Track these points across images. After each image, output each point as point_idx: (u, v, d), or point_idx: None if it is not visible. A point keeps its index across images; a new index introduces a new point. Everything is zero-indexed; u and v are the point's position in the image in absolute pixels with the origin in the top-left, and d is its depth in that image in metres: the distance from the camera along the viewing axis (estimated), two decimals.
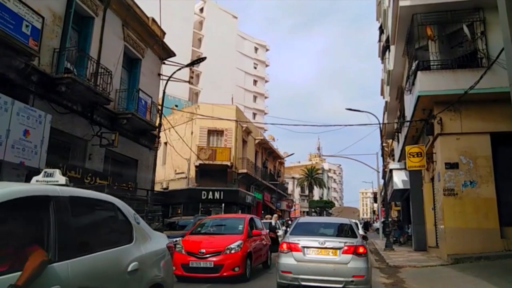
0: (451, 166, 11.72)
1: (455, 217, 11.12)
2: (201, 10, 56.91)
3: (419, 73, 12.17)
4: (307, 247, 6.68)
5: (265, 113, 62.38)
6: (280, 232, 16.29)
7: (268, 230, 12.98)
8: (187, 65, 14.08)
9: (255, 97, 62.37)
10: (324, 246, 6.58)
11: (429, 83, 12.02)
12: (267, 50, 67.57)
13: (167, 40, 17.40)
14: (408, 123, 14.75)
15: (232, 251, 8.05)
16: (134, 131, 14.37)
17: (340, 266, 6.38)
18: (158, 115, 15.48)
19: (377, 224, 38.42)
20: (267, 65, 66.70)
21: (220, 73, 52.77)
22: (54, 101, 10.47)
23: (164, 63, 17.19)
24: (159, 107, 16.07)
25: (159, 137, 14.01)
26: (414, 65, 12.78)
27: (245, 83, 60.32)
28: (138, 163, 14.92)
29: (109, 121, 12.99)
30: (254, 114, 59.91)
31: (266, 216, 24.67)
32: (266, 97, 65.35)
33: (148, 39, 15.55)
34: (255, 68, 63.62)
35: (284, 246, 6.93)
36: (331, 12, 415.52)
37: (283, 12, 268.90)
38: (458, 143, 11.88)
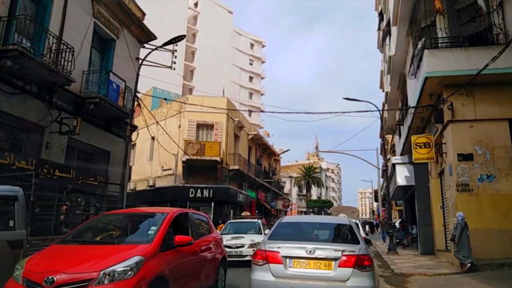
0: (465, 157, 10.19)
1: (470, 216, 9.58)
2: (196, 4, 55.34)
3: (426, 51, 10.64)
4: (290, 257, 4.91)
5: (261, 111, 60.77)
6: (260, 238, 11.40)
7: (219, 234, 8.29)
8: (163, 45, 12.47)
9: (250, 94, 60.81)
10: (314, 255, 4.80)
11: (438, 63, 10.51)
12: (263, 46, 66.01)
13: (159, 34, 15.95)
14: (412, 112, 13.21)
15: (116, 279, 4.14)
16: (105, 119, 12.77)
17: (335, 284, 4.69)
18: (136, 101, 13.97)
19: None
20: (263, 62, 65.14)
21: (215, 69, 51.24)
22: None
23: (144, 47, 15.61)
24: (137, 94, 14.53)
25: (131, 126, 12.37)
26: (420, 44, 11.24)
27: (240, 79, 58.80)
28: (110, 155, 13.31)
29: (74, 106, 11.40)
30: (250, 111, 58.34)
31: (243, 213, 21.78)
32: (262, 94, 63.80)
33: (124, 18, 13.95)
34: (251, 64, 62.07)
35: (259, 255, 5.09)
36: (330, 12, 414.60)
37: (282, 11, 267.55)
38: (472, 131, 10.38)
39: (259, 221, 13.26)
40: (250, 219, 15.76)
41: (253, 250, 9.71)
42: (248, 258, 10.22)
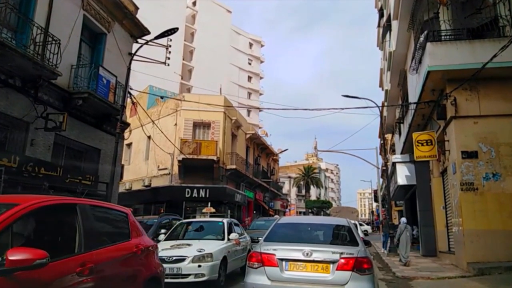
0: (469, 155, 9.76)
1: (475, 216, 9.15)
2: (194, 3, 54.96)
3: (428, 44, 10.21)
4: (287, 260, 4.71)
5: (258, 108, 60.29)
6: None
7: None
8: (155, 38, 12.04)
9: (249, 94, 60.37)
10: (311, 258, 4.61)
11: (441, 56, 10.09)
12: (262, 46, 65.58)
13: (157, 33, 15.32)
14: (413, 108, 12.77)
15: None
16: (95, 116, 12.29)
17: None
18: (128, 97, 13.61)
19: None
20: (262, 61, 64.72)
21: (213, 69, 50.80)
22: None
23: (137, 42, 15.13)
24: (131, 91, 14.12)
25: (122, 122, 11.89)
26: (422, 37, 10.80)
27: (239, 79, 58.37)
28: (101, 153, 12.83)
29: (61, 101, 10.92)
30: (249, 111, 57.89)
31: (205, 209, 19.90)
32: (261, 94, 63.34)
33: (115, 11, 13.48)
34: (250, 64, 61.65)
35: (254, 258, 4.91)
36: (331, 14, 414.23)
37: (283, 14, 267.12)
38: (476, 128, 9.95)
39: (225, 220, 9.50)
40: (213, 219, 12.25)
41: (199, 265, 7.06)
42: (191, 278, 7.04)
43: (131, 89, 14.59)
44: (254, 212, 31.34)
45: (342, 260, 4.55)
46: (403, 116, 16.58)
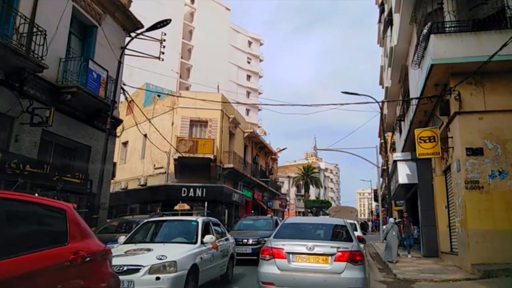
0: (474, 152, 9.34)
1: (480, 216, 8.73)
2: (192, 1, 54.46)
3: (432, 36, 9.79)
4: (293, 253, 5.63)
5: (259, 110, 59.89)
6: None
7: None
8: (147, 30, 11.59)
9: (248, 93, 59.82)
10: (313, 252, 5.54)
11: (445, 48, 9.67)
12: (261, 44, 65.06)
13: (155, 31, 14.97)
14: (415, 104, 12.35)
15: None
16: (86, 111, 11.85)
17: (332, 276, 5.38)
18: (122, 93, 13.20)
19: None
20: (261, 60, 64.17)
21: (212, 67, 50.29)
22: None
23: (129, 36, 14.67)
24: (123, 86, 13.71)
25: (112, 117, 11.43)
26: (425, 29, 10.38)
27: (238, 77, 57.82)
28: (91, 151, 12.39)
29: (48, 96, 10.48)
30: (248, 110, 57.45)
31: (178, 206, 17.69)
32: (260, 93, 62.82)
33: (106, 3, 13.03)
34: (249, 62, 61.09)
35: (266, 252, 5.82)
36: (331, 14, 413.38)
37: (282, 14, 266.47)
38: (482, 123, 9.53)
39: (199, 219, 7.50)
40: (186, 218, 8.83)
41: (157, 278, 5.50)
42: None
43: (124, 84, 14.17)
44: (252, 211, 30.88)
45: (339, 253, 5.42)
46: (404, 113, 16.15)
